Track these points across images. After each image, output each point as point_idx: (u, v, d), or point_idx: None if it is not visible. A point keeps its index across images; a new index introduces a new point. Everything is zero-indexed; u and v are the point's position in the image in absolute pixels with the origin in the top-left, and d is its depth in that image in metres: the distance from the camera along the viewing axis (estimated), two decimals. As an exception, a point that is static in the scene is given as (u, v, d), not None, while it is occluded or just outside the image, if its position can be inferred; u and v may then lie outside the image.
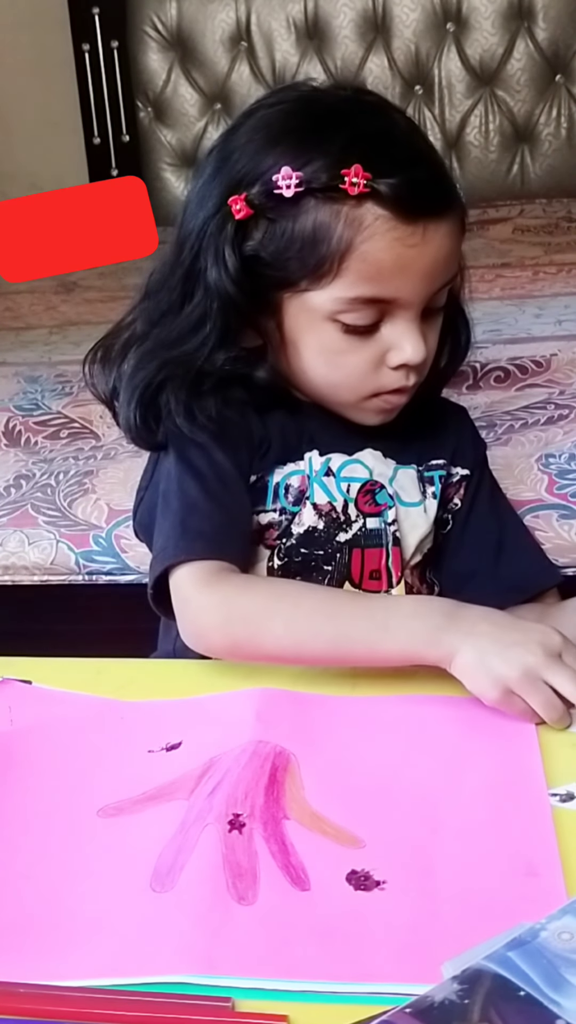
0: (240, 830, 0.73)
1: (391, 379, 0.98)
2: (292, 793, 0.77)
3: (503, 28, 3.06)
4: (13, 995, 0.61)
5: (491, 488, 1.12)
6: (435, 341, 1.00)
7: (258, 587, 0.94)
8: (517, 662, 0.81)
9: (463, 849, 0.71)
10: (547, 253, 2.54)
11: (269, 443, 1.02)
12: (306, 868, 0.70)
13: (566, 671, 0.81)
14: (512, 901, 0.66)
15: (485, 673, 0.82)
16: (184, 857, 0.71)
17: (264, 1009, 0.60)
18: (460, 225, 0.96)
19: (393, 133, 0.95)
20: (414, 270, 0.93)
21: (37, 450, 1.70)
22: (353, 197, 0.90)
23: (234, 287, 0.95)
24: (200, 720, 0.87)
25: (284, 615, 0.90)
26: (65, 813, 0.77)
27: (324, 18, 3.10)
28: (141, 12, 3.16)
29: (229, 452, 0.98)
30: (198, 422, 0.98)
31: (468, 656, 0.83)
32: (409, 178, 0.91)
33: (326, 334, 0.96)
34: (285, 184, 0.92)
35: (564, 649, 0.83)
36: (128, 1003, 0.61)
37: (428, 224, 0.92)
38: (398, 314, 0.95)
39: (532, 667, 0.81)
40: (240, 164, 0.95)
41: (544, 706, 0.81)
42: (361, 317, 0.95)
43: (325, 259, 0.92)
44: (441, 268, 0.95)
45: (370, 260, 0.92)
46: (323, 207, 0.92)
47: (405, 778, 0.78)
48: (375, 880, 0.68)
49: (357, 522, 1.02)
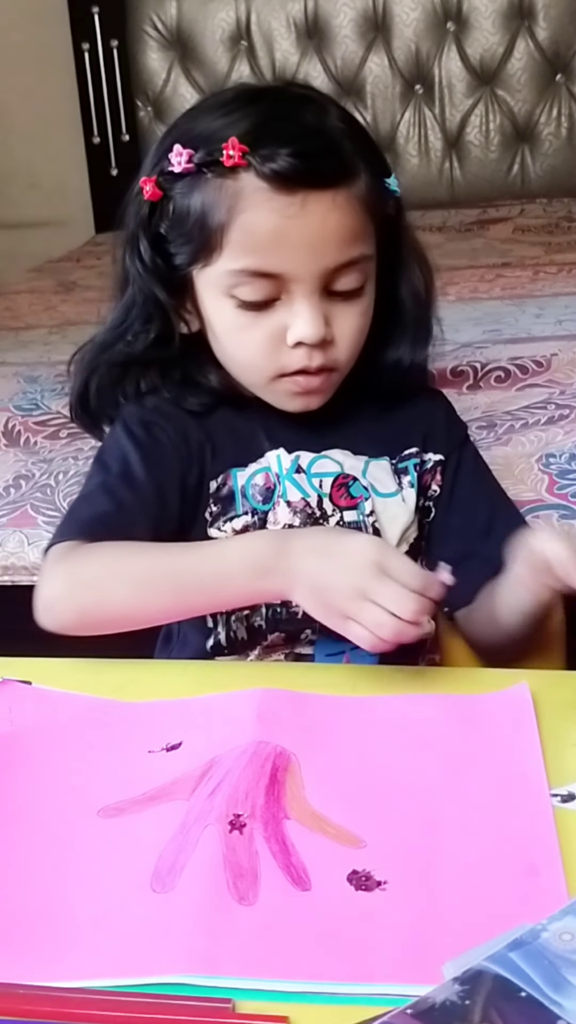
0: (241, 830, 0.73)
1: (293, 359, 0.96)
2: (293, 793, 0.77)
3: (503, 28, 3.06)
4: (13, 995, 0.61)
5: (474, 469, 1.10)
6: (351, 326, 0.97)
7: (100, 553, 0.94)
8: (343, 587, 0.84)
9: (464, 849, 0.71)
10: (547, 253, 2.54)
11: (213, 446, 1.02)
12: (307, 868, 0.70)
13: (389, 589, 0.83)
14: (513, 901, 0.66)
15: (320, 603, 0.85)
16: (185, 857, 0.71)
17: (265, 1010, 0.60)
18: (360, 202, 0.94)
19: (289, 113, 0.95)
20: (295, 241, 0.92)
21: (37, 450, 1.69)
22: (233, 170, 0.91)
23: (145, 270, 0.98)
24: (200, 720, 0.86)
25: (124, 576, 0.91)
26: (65, 813, 0.77)
27: (324, 18, 3.11)
28: (141, 11, 3.16)
29: (145, 452, 1.00)
30: (127, 417, 1.02)
31: (301, 588, 0.86)
32: (288, 149, 0.90)
33: (226, 311, 0.96)
34: (176, 161, 0.94)
35: (385, 561, 0.84)
36: (128, 1004, 0.60)
37: (309, 194, 0.91)
38: (293, 290, 0.94)
39: (358, 588, 0.83)
40: (155, 149, 0.99)
41: (375, 626, 0.83)
42: (253, 292, 0.94)
43: (212, 232, 0.93)
44: (331, 242, 0.92)
45: (249, 230, 0.92)
46: (210, 182, 0.93)
47: (406, 778, 0.78)
48: (376, 880, 0.68)
49: (334, 516, 1.01)
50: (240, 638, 1.02)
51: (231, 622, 1.01)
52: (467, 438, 1.12)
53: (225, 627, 1.01)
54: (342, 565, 0.85)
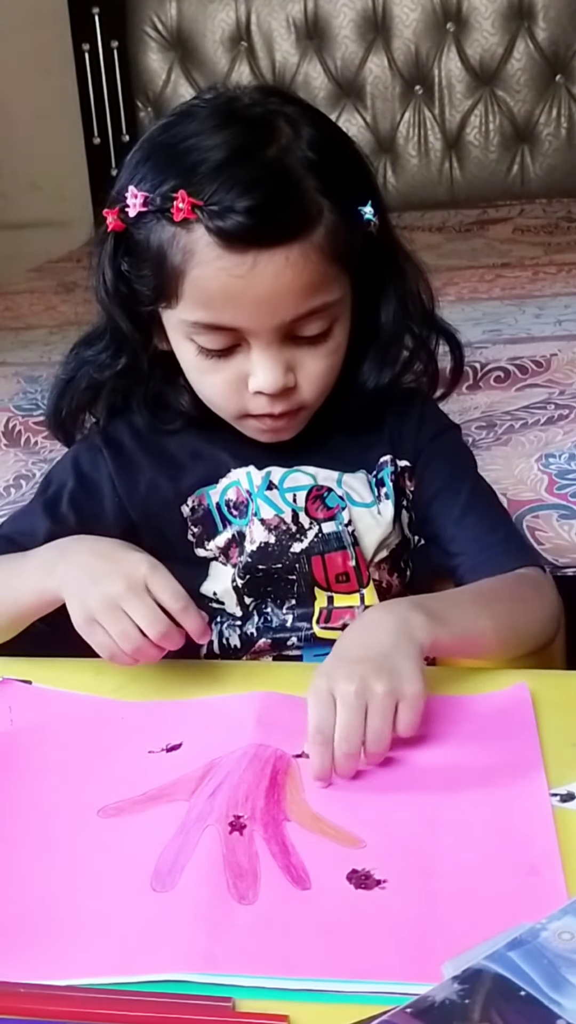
0: (241, 831, 0.73)
1: (255, 404, 0.94)
2: (292, 796, 0.77)
3: (503, 28, 3.06)
4: (13, 995, 0.61)
5: (447, 461, 1.06)
6: (317, 369, 0.94)
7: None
8: (99, 593, 0.86)
9: (464, 848, 0.71)
10: (547, 253, 2.54)
11: (176, 469, 1.02)
12: (307, 867, 0.70)
13: (142, 606, 0.85)
14: (513, 899, 0.66)
15: (78, 603, 0.87)
16: (185, 857, 0.71)
17: (265, 1009, 0.60)
18: (319, 251, 0.88)
19: (251, 148, 0.88)
20: (247, 301, 0.88)
21: (37, 450, 1.69)
22: (184, 221, 0.87)
23: (111, 302, 0.96)
24: (200, 722, 0.87)
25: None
26: (65, 813, 0.77)
27: (324, 18, 3.11)
28: (141, 12, 3.16)
29: (80, 491, 1.02)
30: (80, 450, 1.05)
31: (68, 587, 0.89)
32: (240, 203, 0.85)
33: (189, 353, 0.94)
34: (131, 203, 0.91)
35: (150, 578, 0.86)
36: (128, 1003, 0.60)
37: (260, 253, 0.86)
38: (252, 340, 0.91)
39: (113, 597, 0.86)
40: (122, 175, 0.95)
41: (120, 636, 0.85)
42: (212, 341, 0.92)
43: (168, 279, 0.90)
44: (286, 298, 0.88)
45: (200, 287, 0.89)
46: (166, 228, 0.89)
47: (405, 778, 0.78)
48: (376, 879, 0.69)
49: (312, 529, 1.00)
50: (232, 645, 1.02)
51: (224, 629, 1.02)
52: (441, 432, 1.08)
53: (218, 635, 1.02)
54: (108, 572, 0.88)
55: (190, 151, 0.89)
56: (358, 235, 0.93)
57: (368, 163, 0.98)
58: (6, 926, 0.67)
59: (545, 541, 1.35)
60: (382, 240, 0.97)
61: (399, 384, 1.03)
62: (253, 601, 1.01)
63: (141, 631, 0.85)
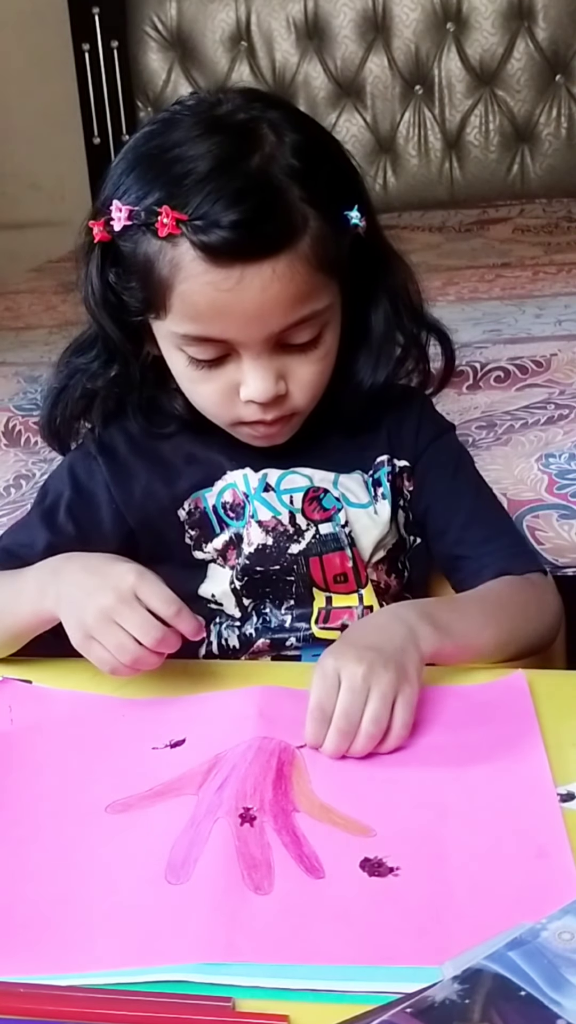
0: (251, 823, 0.73)
1: (247, 412, 0.94)
2: (300, 787, 0.77)
3: (503, 28, 3.06)
4: (13, 995, 0.61)
5: (449, 465, 1.06)
6: (309, 375, 0.94)
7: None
8: (92, 608, 0.87)
9: (472, 833, 0.72)
10: (547, 253, 2.54)
11: (171, 474, 1.02)
12: (319, 857, 0.70)
13: (134, 615, 0.86)
14: (524, 882, 0.67)
15: (74, 622, 0.88)
16: (197, 850, 0.71)
17: (265, 1009, 0.60)
18: (306, 261, 0.88)
19: (235, 159, 0.87)
20: (235, 314, 0.88)
21: (37, 450, 1.69)
22: (168, 237, 0.87)
23: (101, 312, 0.97)
24: (202, 718, 0.87)
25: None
26: (71, 810, 0.77)
27: (324, 18, 3.11)
28: (141, 12, 3.16)
29: (77, 499, 1.02)
30: (75, 459, 1.05)
31: (63, 607, 0.90)
32: (223, 220, 0.85)
33: (179, 362, 0.94)
34: (117, 217, 0.90)
35: (139, 587, 0.86)
36: (128, 1003, 0.60)
37: (247, 267, 0.86)
38: (242, 351, 0.91)
39: (105, 610, 0.86)
40: (106, 185, 0.93)
41: (116, 648, 0.86)
42: (202, 352, 0.92)
43: (156, 291, 0.90)
44: (274, 309, 0.88)
45: (188, 301, 0.89)
46: (152, 242, 0.89)
47: (409, 767, 0.79)
48: (388, 867, 0.69)
49: (309, 530, 1.00)
50: (231, 646, 1.02)
51: (223, 630, 1.02)
52: (442, 434, 1.08)
53: (216, 636, 1.02)
54: (98, 587, 0.88)
55: (174, 162, 0.88)
56: (345, 240, 0.92)
57: (355, 164, 0.97)
58: (22, 924, 0.67)
59: (545, 541, 1.35)
60: (370, 241, 0.96)
61: (395, 383, 1.03)
62: (252, 602, 1.01)
63: (137, 640, 0.86)
